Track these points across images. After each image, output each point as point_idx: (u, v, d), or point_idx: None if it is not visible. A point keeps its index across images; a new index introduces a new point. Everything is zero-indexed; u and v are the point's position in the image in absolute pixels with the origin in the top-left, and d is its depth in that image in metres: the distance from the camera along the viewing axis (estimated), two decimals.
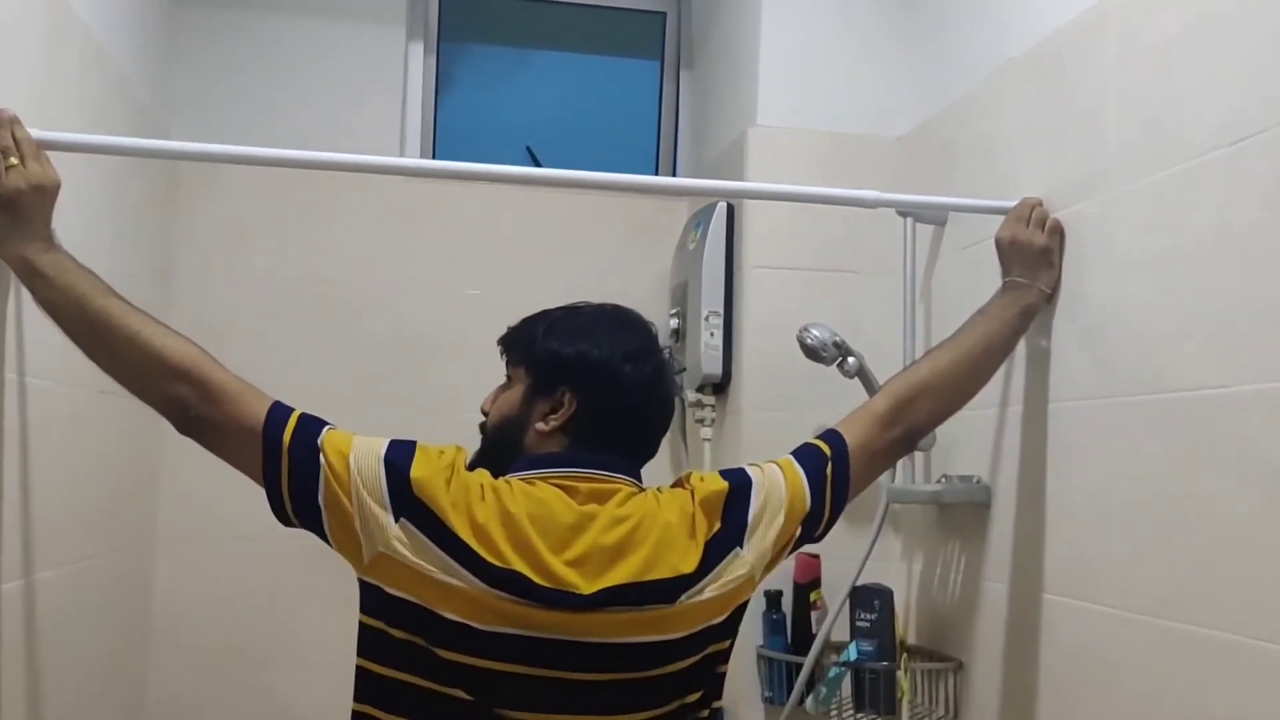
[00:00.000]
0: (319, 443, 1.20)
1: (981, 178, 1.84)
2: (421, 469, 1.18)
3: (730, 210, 2.20)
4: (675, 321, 2.31)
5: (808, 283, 2.10)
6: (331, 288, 2.36)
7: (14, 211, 1.28)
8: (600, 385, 1.29)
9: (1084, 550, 1.50)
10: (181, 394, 1.23)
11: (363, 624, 1.22)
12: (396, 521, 1.17)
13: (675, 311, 2.33)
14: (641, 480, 1.30)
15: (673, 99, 2.73)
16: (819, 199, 1.82)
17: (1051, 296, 1.59)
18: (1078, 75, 1.58)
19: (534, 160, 2.64)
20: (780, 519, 1.29)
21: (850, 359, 1.87)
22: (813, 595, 2.00)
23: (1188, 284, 1.33)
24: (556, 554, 1.18)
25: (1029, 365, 1.65)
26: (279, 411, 1.22)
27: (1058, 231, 1.58)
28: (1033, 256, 1.58)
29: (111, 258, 1.72)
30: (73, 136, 1.44)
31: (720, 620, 1.25)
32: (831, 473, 1.35)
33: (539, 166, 2.54)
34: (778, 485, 1.31)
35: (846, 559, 1.89)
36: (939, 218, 1.96)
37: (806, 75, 2.17)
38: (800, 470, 1.34)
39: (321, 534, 1.21)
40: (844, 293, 2.09)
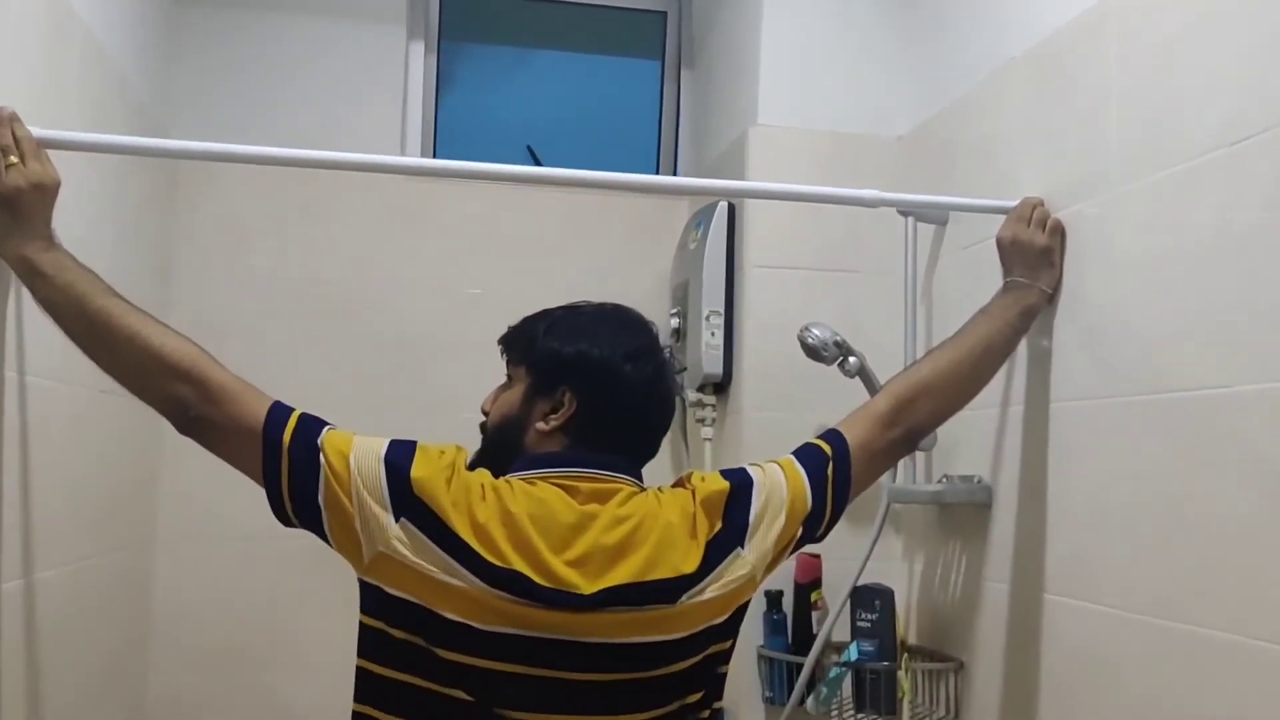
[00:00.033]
0: (319, 443, 1.20)
1: (982, 178, 1.84)
2: (422, 469, 1.18)
3: (731, 210, 2.20)
4: (676, 321, 2.31)
5: (808, 282, 2.10)
6: (331, 287, 2.35)
7: (14, 210, 1.27)
8: (601, 385, 1.29)
9: (1085, 550, 1.50)
10: (181, 394, 1.22)
11: (363, 624, 1.22)
12: (397, 521, 1.16)
13: (676, 311, 2.33)
14: (642, 480, 1.30)
15: (673, 99, 2.72)
16: (820, 198, 1.82)
17: (1053, 297, 1.59)
18: (1078, 75, 1.58)
19: (534, 159, 2.63)
20: (781, 519, 1.29)
21: (851, 359, 1.86)
22: (813, 595, 2.00)
23: (1188, 284, 1.33)
24: (557, 554, 1.17)
25: (1030, 365, 1.65)
26: (279, 411, 1.22)
27: (1059, 231, 1.58)
28: (1034, 256, 1.58)
29: (111, 257, 1.72)
30: (73, 135, 1.43)
31: (721, 620, 1.25)
32: (833, 473, 1.35)
33: (539, 166, 2.54)
34: (779, 485, 1.31)
35: (847, 559, 1.88)
36: (940, 217, 1.95)
37: (807, 75, 2.17)
38: (801, 470, 1.34)
39: (321, 534, 1.20)
40: (845, 292, 2.08)
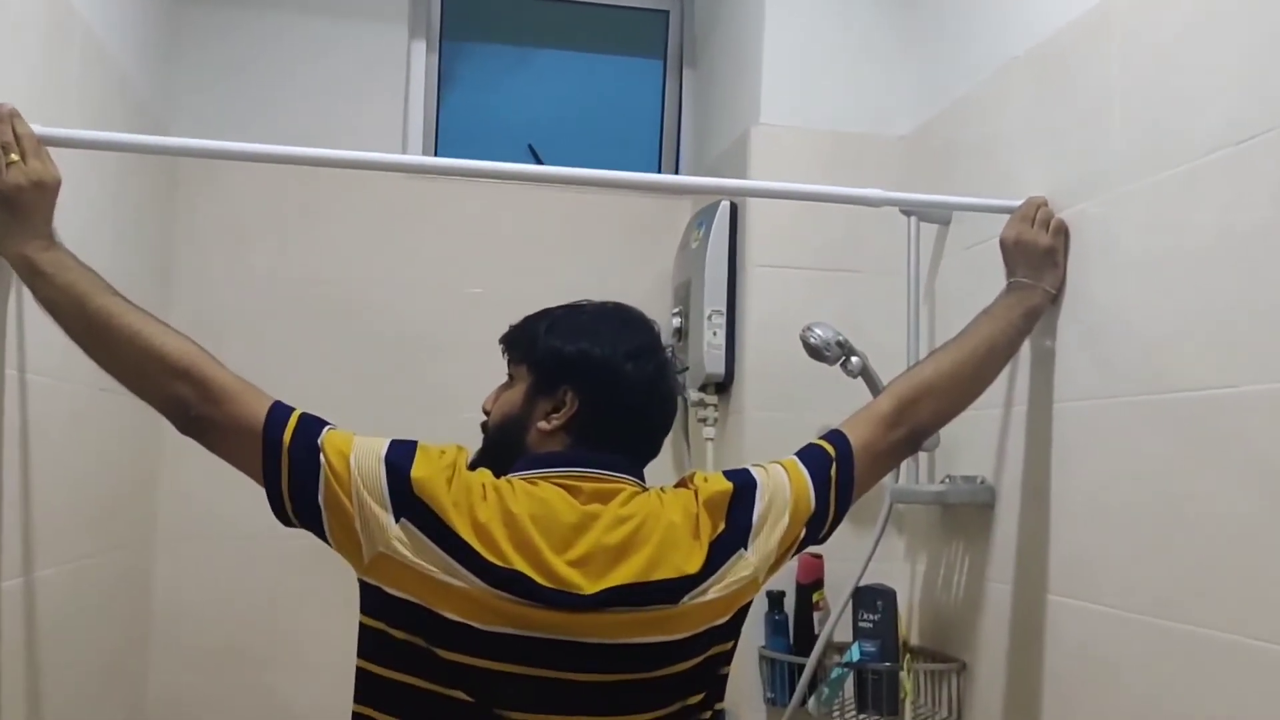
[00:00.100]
0: (319, 443, 1.19)
1: (984, 177, 1.83)
2: (422, 469, 1.18)
3: (733, 209, 2.19)
4: (678, 320, 2.31)
5: (811, 282, 2.09)
6: (332, 287, 2.35)
7: (14, 208, 1.27)
8: (602, 384, 1.29)
9: (1088, 551, 1.49)
10: (181, 393, 1.22)
11: (363, 625, 1.21)
12: (397, 522, 1.16)
13: (678, 310, 2.33)
14: (644, 480, 1.30)
15: (675, 98, 2.72)
16: (823, 197, 1.81)
17: (1056, 297, 1.58)
18: (1080, 75, 1.57)
19: (536, 159, 2.63)
20: (785, 520, 1.29)
21: (853, 359, 1.86)
22: (815, 596, 1.99)
23: (1190, 284, 1.33)
24: (559, 554, 1.17)
25: (1033, 365, 1.65)
26: (279, 411, 1.22)
27: (1062, 231, 1.58)
28: (1037, 257, 1.57)
29: (111, 256, 1.71)
30: (74, 133, 1.43)
31: (723, 621, 1.24)
32: (836, 474, 1.35)
33: (541, 165, 2.53)
34: (782, 486, 1.30)
35: (849, 559, 1.88)
36: (943, 217, 1.95)
37: (809, 74, 2.16)
38: (805, 471, 1.33)
39: (321, 534, 1.20)
40: (847, 292, 2.08)
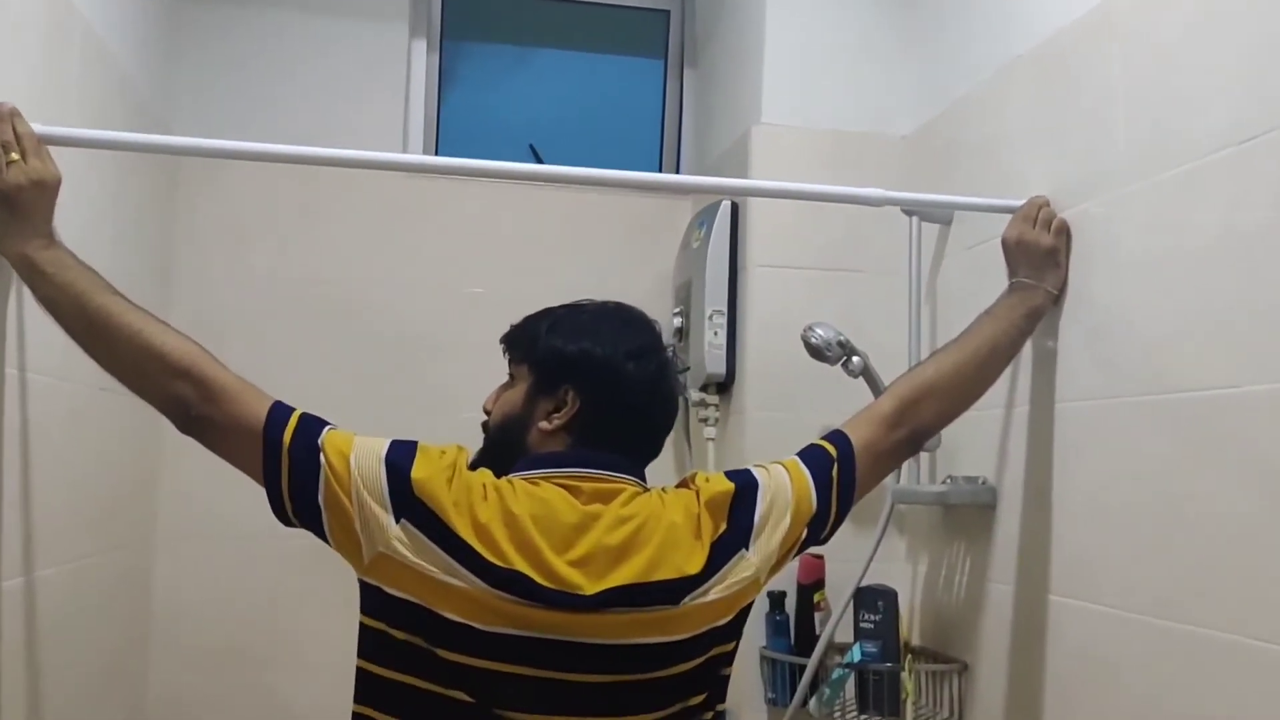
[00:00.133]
0: (319, 443, 1.19)
1: (985, 177, 1.83)
2: (423, 469, 1.18)
3: (734, 209, 2.19)
4: (679, 320, 2.30)
5: (812, 282, 2.09)
6: (332, 287, 2.35)
7: (14, 207, 1.26)
8: (603, 383, 1.28)
9: (1090, 551, 1.49)
10: (182, 393, 1.22)
11: (363, 625, 1.21)
12: (397, 522, 1.16)
13: (679, 310, 2.32)
14: (646, 480, 1.30)
15: (676, 98, 2.72)
16: (825, 197, 1.81)
17: (1058, 297, 1.58)
18: (1082, 74, 1.57)
19: (537, 158, 2.62)
20: (786, 521, 1.29)
21: (855, 358, 1.86)
22: (816, 596, 1.99)
23: (1192, 284, 1.32)
24: (559, 554, 1.17)
25: (1035, 366, 1.64)
26: (279, 411, 1.22)
27: (1064, 232, 1.57)
28: (1039, 257, 1.57)
29: (111, 256, 1.71)
30: (74, 131, 1.42)
31: (725, 622, 1.24)
32: (837, 474, 1.35)
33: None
34: (784, 487, 1.30)
35: (851, 560, 1.88)
36: (944, 217, 1.95)
37: (810, 74, 2.16)
38: (806, 472, 1.33)
39: (321, 534, 1.20)
40: (848, 292, 2.07)
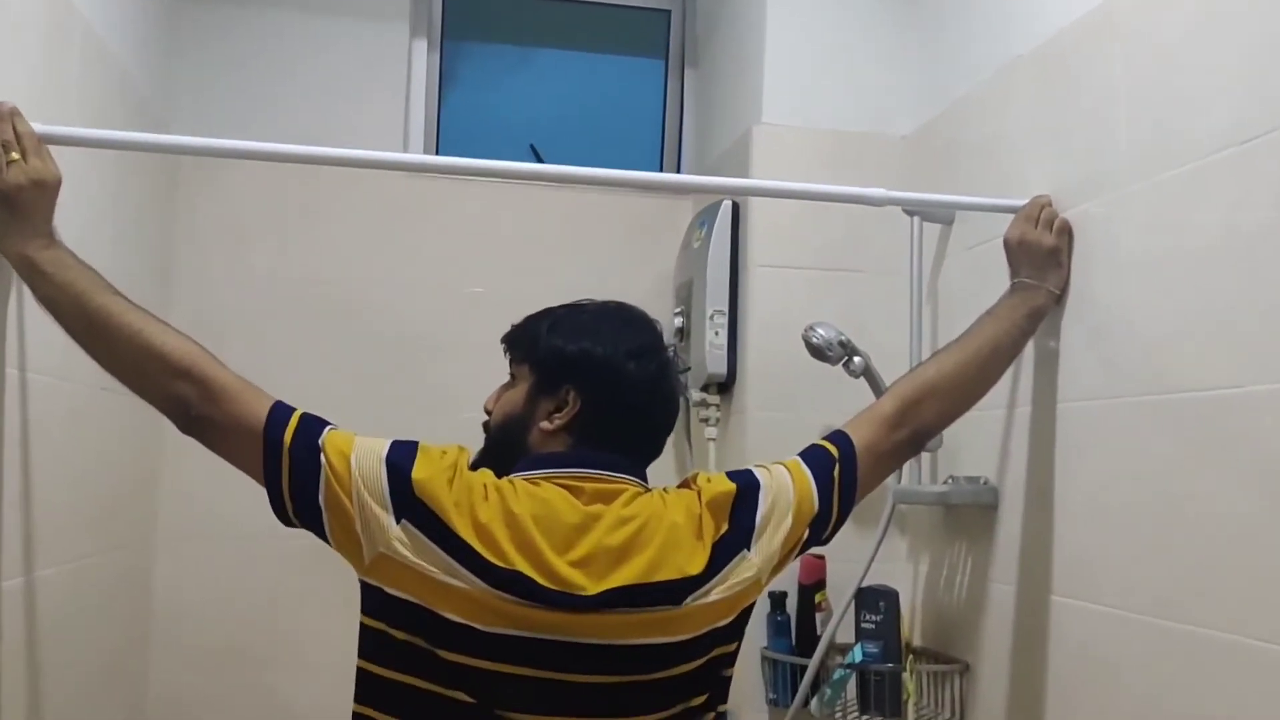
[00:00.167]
0: (320, 443, 1.19)
1: (986, 177, 1.83)
2: (423, 470, 1.17)
3: (735, 209, 2.19)
4: (679, 320, 2.30)
5: (813, 282, 2.09)
6: (332, 286, 2.35)
7: (14, 207, 1.26)
8: (604, 383, 1.28)
9: (1092, 552, 1.49)
10: (183, 393, 1.22)
11: (364, 625, 1.21)
12: (398, 523, 1.15)
13: (679, 310, 2.32)
14: (647, 480, 1.29)
15: (677, 98, 2.71)
16: (827, 197, 1.81)
17: (1060, 297, 1.57)
18: (1084, 74, 1.57)
19: (537, 158, 2.62)
20: (788, 521, 1.28)
21: (856, 358, 1.85)
22: (818, 597, 1.99)
23: (1194, 284, 1.32)
24: (560, 554, 1.17)
25: (1036, 366, 1.64)
26: (280, 411, 1.21)
27: (1066, 231, 1.57)
28: (1041, 257, 1.56)
29: (111, 256, 1.71)
30: (75, 131, 1.42)
31: (726, 623, 1.24)
32: (839, 475, 1.35)
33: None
34: (785, 487, 1.30)
35: (852, 560, 1.87)
36: (946, 217, 1.94)
37: (811, 73, 2.16)
38: (808, 472, 1.33)
39: (322, 535, 1.19)
40: (849, 292, 2.07)
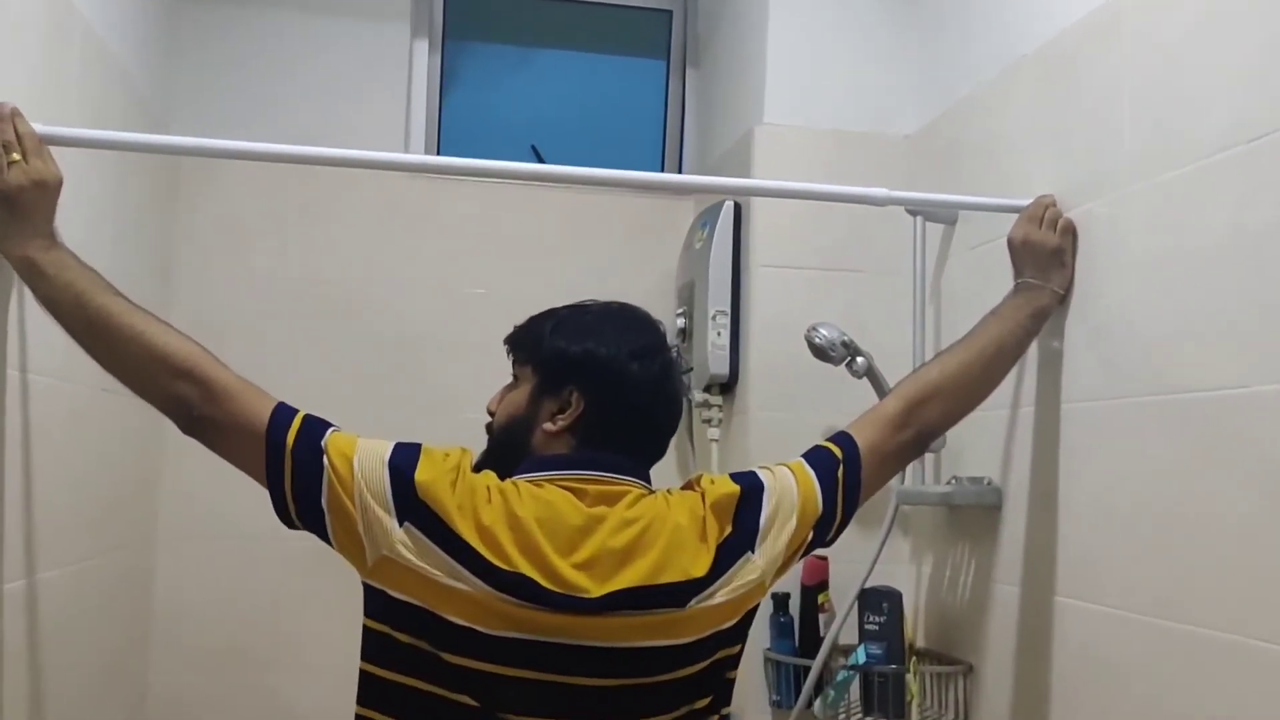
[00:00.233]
0: (323, 445, 1.18)
1: (989, 177, 1.82)
2: (426, 472, 1.17)
3: (737, 209, 2.18)
4: (681, 321, 2.30)
5: (815, 282, 2.08)
6: (332, 287, 2.34)
7: (15, 208, 1.26)
8: (608, 384, 1.28)
9: (1095, 552, 1.48)
10: (184, 393, 1.21)
11: (367, 628, 1.21)
12: (400, 525, 1.15)
13: (681, 311, 2.32)
14: (651, 482, 1.29)
15: (678, 98, 2.71)
16: (829, 197, 1.80)
17: (1064, 297, 1.57)
18: (1088, 74, 1.56)
19: (538, 159, 2.62)
20: (792, 523, 1.28)
21: (859, 359, 1.85)
22: (821, 598, 1.99)
23: (1199, 284, 1.32)
24: (564, 557, 1.16)
25: (1040, 366, 1.64)
26: (283, 413, 1.21)
27: (1070, 231, 1.56)
28: (1045, 257, 1.56)
29: (112, 256, 1.70)
30: (75, 131, 1.41)
31: (730, 625, 1.24)
32: (843, 476, 1.34)
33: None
34: (789, 489, 1.30)
35: (855, 561, 1.87)
36: (949, 217, 1.94)
37: (813, 73, 2.16)
38: (812, 473, 1.33)
39: (325, 537, 1.19)
40: (851, 292, 2.07)
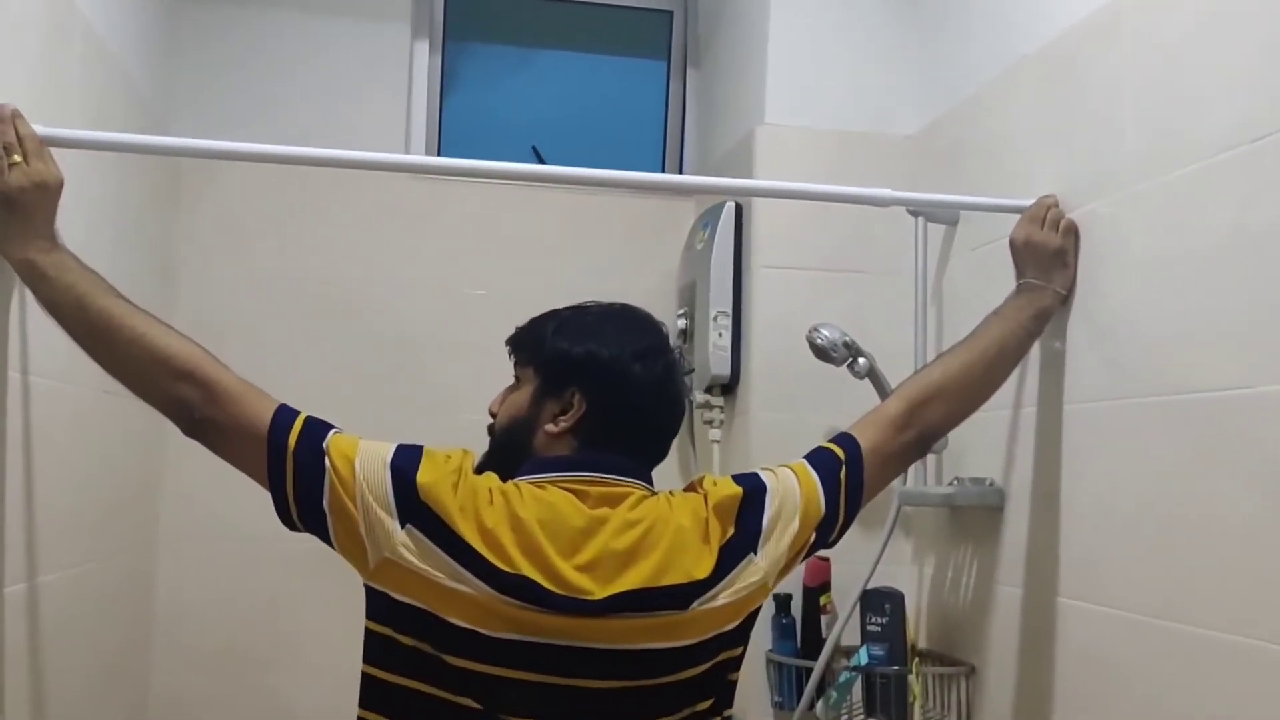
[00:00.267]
0: (325, 447, 1.18)
1: (991, 177, 1.82)
2: (428, 474, 1.17)
3: (738, 210, 2.18)
4: (683, 322, 2.30)
5: (816, 283, 2.08)
6: (333, 287, 2.34)
7: (16, 210, 1.25)
8: (610, 385, 1.27)
9: (1099, 553, 1.48)
10: (186, 396, 1.21)
11: (369, 630, 1.20)
12: (403, 527, 1.15)
13: (683, 312, 2.31)
14: (653, 484, 1.29)
15: (679, 98, 2.71)
16: (831, 197, 1.80)
17: (1066, 298, 1.57)
18: (1090, 74, 1.56)
19: (539, 160, 2.61)
20: (795, 524, 1.28)
21: (860, 360, 1.85)
22: (823, 599, 1.98)
23: (1202, 284, 1.31)
24: (567, 559, 1.16)
25: (1043, 367, 1.63)
26: (284, 415, 1.21)
27: (1072, 232, 1.56)
28: (1047, 258, 1.56)
29: (113, 257, 1.70)
30: (76, 133, 1.41)
31: (733, 627, 1.23)
32: (845, 477, 1.34)
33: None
34: (792, 490, 1.29)
35: (857, 562, 1.87)
36: (951, 217, 1.93)
37: (814, 74, 2.15)
38: (814, 475, 1.32)
39: (326, 539, 1.19)
40: (853, 293, 2.06)
